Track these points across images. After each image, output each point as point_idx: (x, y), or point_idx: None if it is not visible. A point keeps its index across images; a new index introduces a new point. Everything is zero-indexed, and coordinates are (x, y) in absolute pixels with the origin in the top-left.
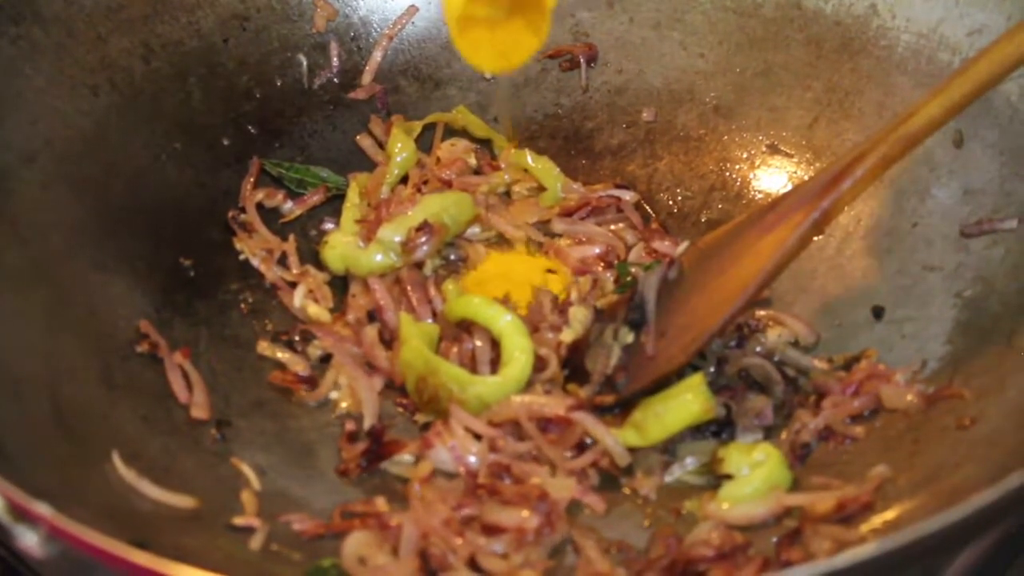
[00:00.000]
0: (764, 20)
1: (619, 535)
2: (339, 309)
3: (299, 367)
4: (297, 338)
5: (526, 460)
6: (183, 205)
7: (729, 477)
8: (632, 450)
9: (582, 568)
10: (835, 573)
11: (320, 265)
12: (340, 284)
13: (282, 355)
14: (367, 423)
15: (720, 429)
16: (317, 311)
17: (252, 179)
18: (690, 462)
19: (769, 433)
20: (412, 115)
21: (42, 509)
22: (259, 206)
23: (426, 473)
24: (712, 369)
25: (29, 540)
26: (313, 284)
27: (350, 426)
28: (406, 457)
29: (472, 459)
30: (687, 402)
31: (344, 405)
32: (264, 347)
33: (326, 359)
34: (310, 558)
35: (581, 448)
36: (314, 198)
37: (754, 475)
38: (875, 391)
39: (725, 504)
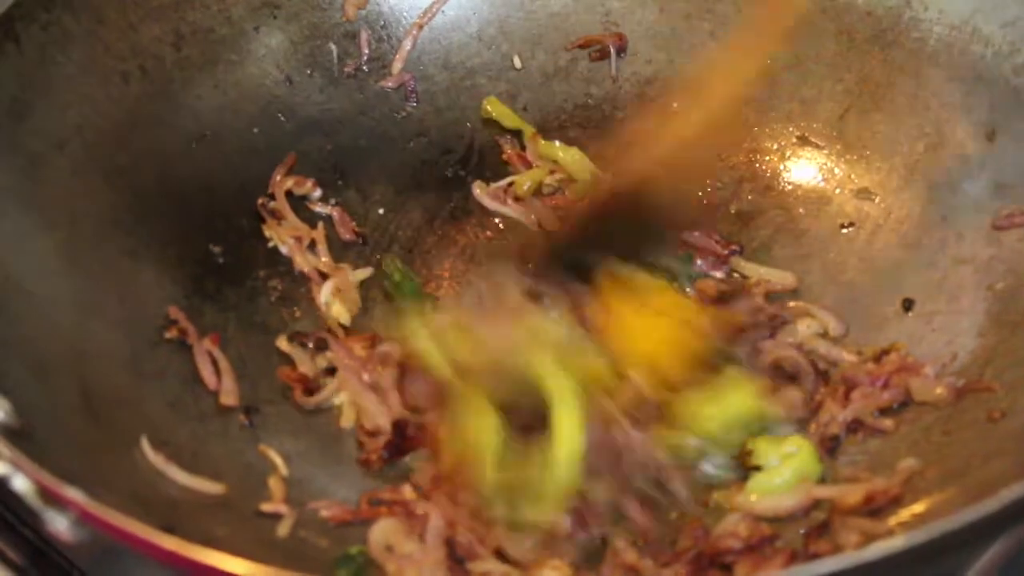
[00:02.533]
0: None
1: None
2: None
3: (305, 367)
4: (311, 345)
5: None
6: (213, 192)
7: (758, 469)
8: None
9: (609, 559)
10: (863, 566)
11: None
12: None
13: (295, 352)
14: (383, 435)
15: None
16: (339, 311)
17: (284, 169)
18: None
19: (798, 425)
20: (442, 104)
21: (73, 494)
22: (288, 194)
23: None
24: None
25: (59, 524)
26: (342, 284)
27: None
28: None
29: None
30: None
31: (345, 424)
32: (282, 342)
33: (332, 370)
34: (338, 545)
35: None
36: None
37: (784, 466)
38: (904, 384)
39: (753, 496)
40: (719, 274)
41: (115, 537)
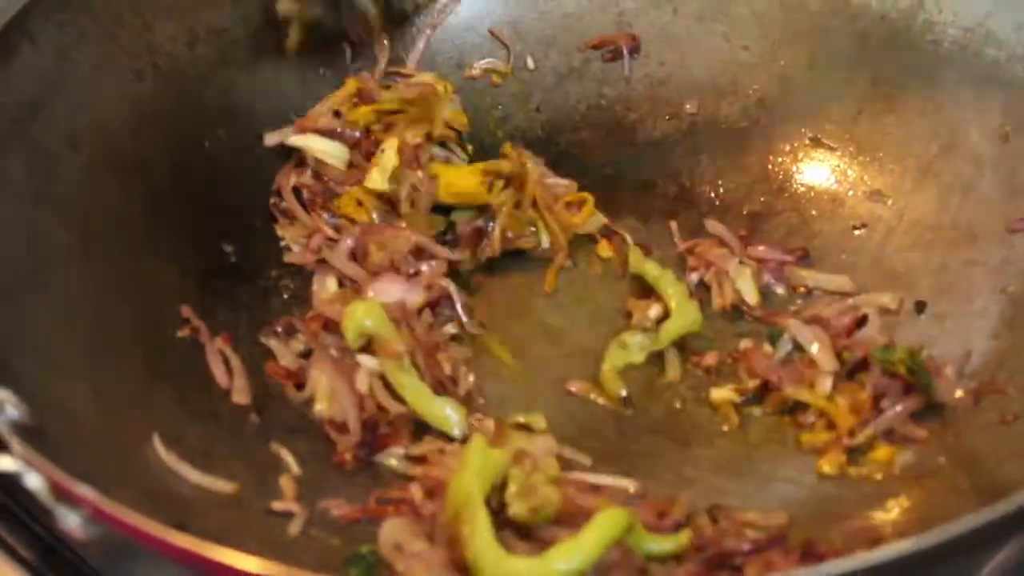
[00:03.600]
0: (809, 13)
1: None
2: None
3: (286, 360)
4: (279, 329)
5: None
6: (226, 191)
7: None
8: None
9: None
10: (874, 568)
11: None
12: None
13: (274, 344)
14: (353, 429)
15: None
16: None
17: (290, 165)
18: None
19: None
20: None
21: (85, 491)
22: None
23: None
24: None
25: (71, 522)
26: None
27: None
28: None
29: None
30: None
31: (321, 408)
32: (267, 337)
33: (308, 353)
34: (349, 544)
35: None
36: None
37: None
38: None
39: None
40: (781, 288)
41: (127, 534)
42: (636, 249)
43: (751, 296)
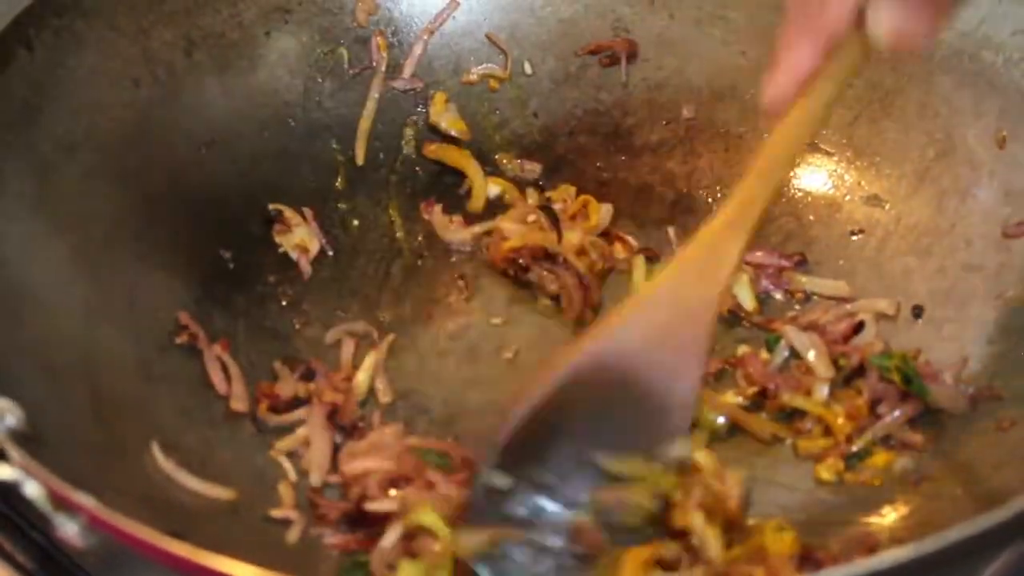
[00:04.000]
0: None
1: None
2: None
3: (282, 389)
4: (298, 374)
5: None
6: (223, 197)
7: None
8: None
9: None
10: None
11: None
12: None
13: (283, 372)
14: (313, 480)
15: None
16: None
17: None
18: None
19: None
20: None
21: (83, 499)
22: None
23: None
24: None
25: (69, 530)
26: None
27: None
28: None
29: None
30: None
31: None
32: (277, 363)
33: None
34: (346, 552)
35: None
36: None
37: None
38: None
39: None
40: (779, 293)
41: (124, 542)
42: (640, 263)
43: (748, 302)
